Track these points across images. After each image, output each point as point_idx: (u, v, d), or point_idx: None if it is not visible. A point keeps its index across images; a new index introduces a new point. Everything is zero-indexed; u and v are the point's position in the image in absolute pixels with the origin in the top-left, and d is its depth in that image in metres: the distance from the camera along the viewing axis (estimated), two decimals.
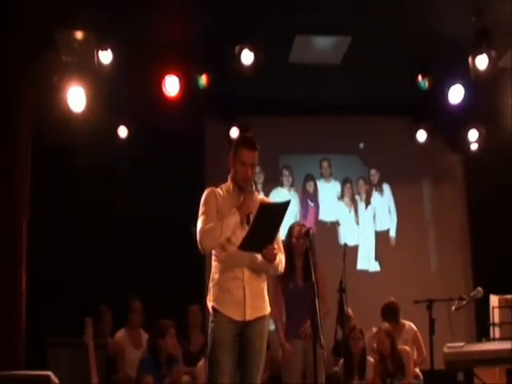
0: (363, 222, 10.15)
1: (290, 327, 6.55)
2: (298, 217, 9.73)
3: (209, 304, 4.98)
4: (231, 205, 4.91)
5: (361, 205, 10.21)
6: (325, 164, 10.23)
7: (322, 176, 10.22)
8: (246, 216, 4.85)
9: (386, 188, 10.28)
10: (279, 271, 5.07)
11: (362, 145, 10.30)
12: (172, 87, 8.12)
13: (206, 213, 4.92)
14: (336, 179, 10.24)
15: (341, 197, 10.19)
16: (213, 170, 9.07)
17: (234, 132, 9.19)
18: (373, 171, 10.31)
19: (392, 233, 10.16)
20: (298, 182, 10.15)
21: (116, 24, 7.17)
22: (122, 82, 7.77)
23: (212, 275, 4.99)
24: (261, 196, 5.15)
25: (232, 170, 5.05)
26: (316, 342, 5.54)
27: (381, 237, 10.13)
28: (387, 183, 10.29)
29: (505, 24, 7.51)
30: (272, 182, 9.97)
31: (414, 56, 8.31)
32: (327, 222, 10.05)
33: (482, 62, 7.78)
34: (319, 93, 9.15)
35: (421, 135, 9.73)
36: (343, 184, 10.22)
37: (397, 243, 10.14)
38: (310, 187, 10.15)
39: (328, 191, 10.18)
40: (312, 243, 6.43)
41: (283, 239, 5.82)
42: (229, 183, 5.07)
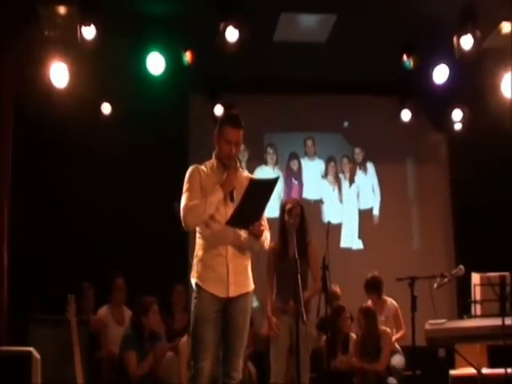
0: (347, 201, 10.18)
1: (279, 303, 6.59)
2: (282, 195, 9.73)
3: (192, 281, 5.00)
4: (215, 182, 4.91)
5: (345, 183, 10.23)
6: (309, 142, 10.23)
7: (306, 154, 10.23)
8: (230, 193, 4.86)
9: (370, 167, 10.29)
10: (264, 248, 5.08)
11: (347, 123, 10.31)
12: (156, 64, 8.09)
13: (190, 190, 4.93)
14: (320, 157, 10.24)
15: (325, 175, 10.20)
16: (197, 148, 9.06)
17: (219, 109, 9.16)
18: (357, 150, 10.32)
19: (375, 211, 10.19)
20: (282, 160, 10.16)
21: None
22: (106, 59, 7.73)
23: (196, 252, 5.01)
24: (245, 173, 5.16)
25: (216, 148, 5.04)
26: (299, 318, 5.59)
27: (364, 215, 10.17)
28: (371, 162, 10.31)
29: (490, 4, 7.52)
30: (256, 160, 9.97)
31: (400, 35, 8.30)
32: (311, 200, 10.06)
33: (467, 42, 7.79)
34: (304, 71, 9.13)
35: (405, 114, 9.74)
36: (327, 162, 10.22)
37: (380, 221, 10.17)
38: (294, 165, 10.16)
39: (312, 169, 10.19)
40: (306, 220, 6.51)
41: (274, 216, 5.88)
42: (213, 160, 5.07)
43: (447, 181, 10.32)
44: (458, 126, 9.72)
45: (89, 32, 7.33)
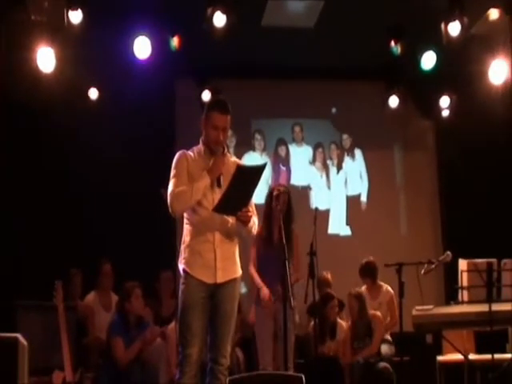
0: (335, 187, 10.17)
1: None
2: (270, 181, 9.71)
3: (180, 266, 5.00)
4: (202, 167, 4.89)
5: (332, 169, 10.22)
6: (297, 128, 10.21)
7: (294, 140, 10.21)
8: (217, 179, 4.85)
9: (358, 153, 10.29)
10: (252, 234, 5.08)
11: (335, 110, 10.29)
12: (143, 49, 8.04)
13: (177, 176, 4.91)
14: (308, 144, 10.23)
15: (312, 161, 10.19)
16: (184, 133, 9.02)
17: (206, 95, 9.12)
18: (345, 136, 10.31)
19: (363, 197, 10.19)
20: (270, 146, 10.13)
21: None
22: (93, 43, 7.67)
23: (183, 238, 5.00)
24: (233, 158, 5.14)
25: (203, 134, 5.02)
26: (286, 304, 5.60)
27: (352, 201, 10.16)
28: (359, 148, 10.30)
29: None
30: (244, 146, 9.94)
31: (387, 21, 8.28)
32: (299, 187, 10.05)
33: (455, 29, 7.80)
34: (292, 57, 9.11)
35: (393, 101, 9.72)
36: (315, 149, 10.21)
37: (368, 208, 10.18)
38: (282, 151, 10.14)
39: (300, 156, 10.17)
40: (290, 205, 6.49)
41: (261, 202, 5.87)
42: (200, 146, 5.05)
43: (435, 167, 10.33)
44: (446, 113, 9.71)
45: (76, 16, 7.29)
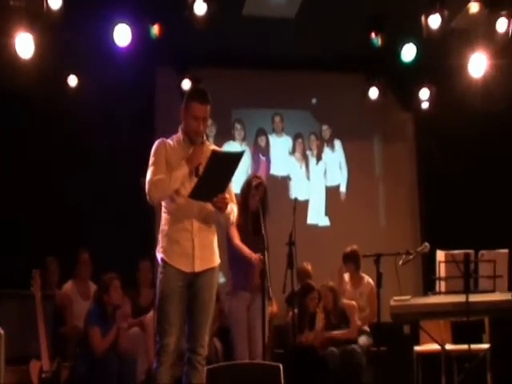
0: (314, 177, 10.18)
1: (237, 280, 6.44)
2: (250, 171, 9.71)
3: (158, 255, 5.00)
4: (181, 156, 4.90)
5: (312, 160, 10.23)
6: (277, 119, 10.21)
7: (274, 131, 10.20)
8: (195, 168, 4.84)
9: (338, 144, 10.30)
10: (231, 221, 5.07)
11: (315, 100, 10.29)
12: (123, 36, 7.99)
13: (155, 164, 4.91)
14: (288, 134, 10.22)
15: (292, 152, 10.19)
16: (164, 121, 8.97)
17: (186, 84, 9.09)
18: (324, 127, 10.31)
19: (342, 188, 10.21)
20: (250, 136, 10.12)
21: None
22: (72, 30, 7.61)
23: (161, 226, 5.00)
24: (212, 147, 5.13)
25: (183, 123, 5.02)
26: (265, 294, 5.60)
27: (331, 192, 10.17)
28: (338, 139, 10.31)
29: None
30: (224, 136, 9.90)
31: (368, 13, 8.29)
32: (278, 177, 10.05)
33: (435, 22, 7.83)
34: (273, 47, 9.09)
35: (373, 92, 9.74)
36: (295, 139, 10.21)
37: (347, 198, 10.20)
38: (262, 141, 10.13)
39: (280, 146, 10.16)
40: (266, 196, 6.46)
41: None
42: (179, 134, 5.05)
43: (414, 158, 10.37)
44: (425, 105, 9.74)
45: (55, 2, 7.21)
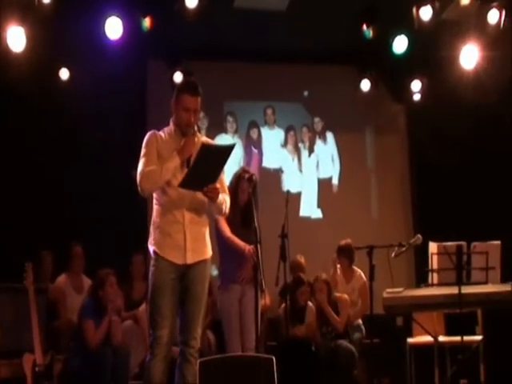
0: (306, 170, 10.18)
1: (228, 272, 6.40)
2: (242, 163, 9.72)
3: (150, 248, 5.00)
4: (172, 148, 4.91)
5: (304, 152, 10.23)
6: (269, 111, 10.20)
7: (266, 123, 10.20)
8: (187, 159, 4.85)
9: (330, 136, 10.31)
10: (223, 211, 5.07)
11: (306, 93, 10.29)
12: (115, 29, 7.97)
13: (147, 155, 4.92)
14: (280, 126, 10.22)
15: (284, 144, 10.19)
16: (156, 114, 8.96)
17: (178, 76, 9.07)
18: (316, 119, 10.32)
19: (335, 180, 10.22)
20: (242, 129, 10.11)
21: None
22: (64, 23, 7.60)
23: (153, 219, 5.01)
24: (204, 138, 5.13)
25: (174, 115, 5.03)
26: (258, 286, 5.60)
27: (323, 184, 10.19)
28: (330, 131, 10.32)
29: None
30: (216, 128, 9.90)
31: (360, 5, 8.29)
32: (270, 169, 10.06)
33: (426, 13, 7.84)
34: (264, 39, 9.09)
35: (365, 84, 9.75)
36: (287, 131, 10.21)
37: (339, 191, 10.21)
38: (254, 134, 10.13)
39: (272, 138, 10.16)
40: (255, 189, 6.43)
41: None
42: (171, 126, 5.06)
43: (406, 150, 10.39)
44: (417, 97, 9.75)
45: None
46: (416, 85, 9.66)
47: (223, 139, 9.80)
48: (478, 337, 7.40)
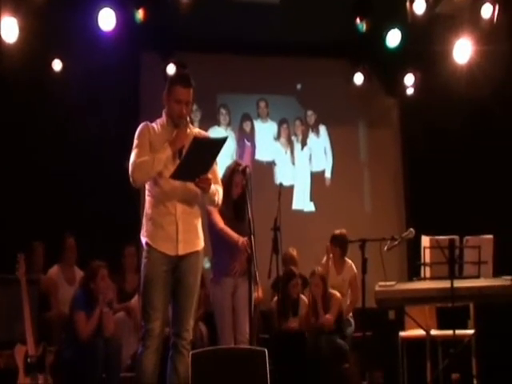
0: (299, 163, 10.17)
1: (220, 265, 6.40)
2: (235, 156, 9.72)
3: (142, 239, 5.02)
4: (165, 139, 4.92)
5: (297, 145, 10.22)
6: (262, 104, 10.19)
7: (259, 116, 10.18)
8: (179, 151, 4.85)
9: (322, 129, 10.30)
10: (216, 202, 5.07)
11: (299, 86, 10.28)
12: (108, 20, 7.93)
13: (139, 146, 4.93)
14: (273, 119, 10.20)
15: (277, 137, 10.17)
16: (148, 106, 8.92)
17: (171, 68, 9.03)
18: (309, 112, 10.31)
19: (327, 174, 10.21)
20: (235, 122, 10.09)
21: None
22: (57, 14, 7.56)
23: (146, 210, 5.01)
24: (197, 129, 5.13)
25: (166, 107, 5.03)
26: (251, 278, 5.60)
27: (316, 177, 10.18)
28: (323, 124, 10.31)
29: None
30: (209, 121, 9.87)
31: None
32: (263, 162, 10.04)
33: (420, 7, 7.82)
34: (258, 32, 9.06)
35: (358, 78, 9.74)
36: (280, 124, 10.20)
37: (332, 184, 10.20)
38: (247, 127, 10.12)
39: (265, 131, 10.15)
40: (249, 181, 6.41)
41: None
42: (163, 118, 5.06)
43: (398, 144, 10.38)
44: (410, 91, 9.74)
45: None
46: (409, 79, 9.65)
47: (216, 132, 9.78)
48: (470, 331, 7.40)
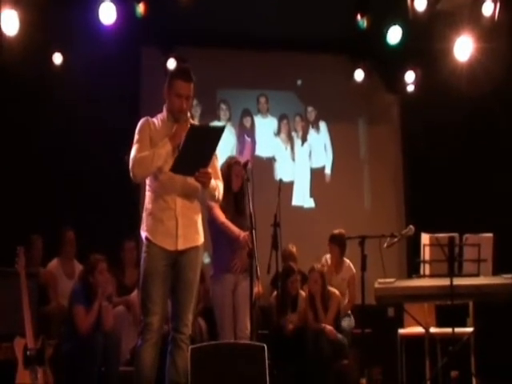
0: (299, 159, 10.17)
1: (221, 261, 6.35)
2: (235, 152, 9.71)
3: (142, 234, 5.01)
4: (165, 134, 4.91)
5: (297, 141, 10.22)
6: (262, 99, 10.18)
7: (259, 111, 10.18)
8: (178, 146, 4.83)
9: (323, 125, 10.29)
10: (216, 197, 5.05)
11: (300, 82, 10.27)
12: (108, 14, 7.91)
13: (140, 141, 4.92)
14: (273, 115, 10.20)
15: (277, 133, 10.17)
16: (149, 101, 8.90)
17: (171, 63, 9.02)
18: (309, 108, 10.30)
19: (327, 170, 10.21)
20: (235, 117, 10.09)
21: None
22: (58, 7, 7.55)
23: (145, 205, 5.01)
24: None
25: (167, 102, 5.02)
26: (253, 274, 5.59)
27: (316, 174, 10.17)
28: (323, 121, 10.30)
29: None
30: (209, 116, 9.87)
31: None
32: (263, 158, 10.04)
33: (421, 4, 7.82)
34: (259, 27, 9.05)
35: (358, 74, 9.75)
36: (280, 120, 10.20)
37: (332, 180, 10.20)
38: (247, 122, 10.11)
39: (265, 127, 10.15)
40: (250, 176, 6.40)
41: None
42: (164, 113, 5.06)
43: (398, 141, 10.38)
44: (411, 88, 9.74)
45: None
46: (410, 76, 9.65)
47: None
48: (469, 329, 7.41)
